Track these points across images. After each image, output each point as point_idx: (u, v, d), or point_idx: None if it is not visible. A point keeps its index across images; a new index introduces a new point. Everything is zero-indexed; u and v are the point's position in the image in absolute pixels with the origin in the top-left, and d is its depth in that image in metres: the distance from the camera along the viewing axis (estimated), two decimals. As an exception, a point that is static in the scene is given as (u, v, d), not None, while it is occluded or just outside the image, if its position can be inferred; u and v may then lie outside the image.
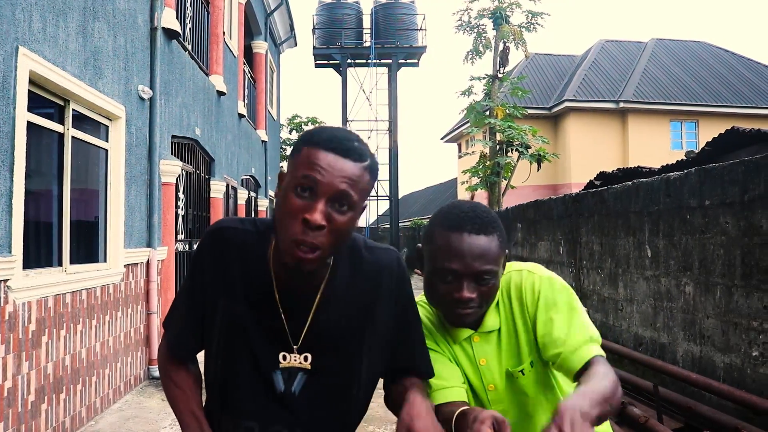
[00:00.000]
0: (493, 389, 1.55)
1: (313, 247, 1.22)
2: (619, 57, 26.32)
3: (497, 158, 16.53)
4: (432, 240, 1.50)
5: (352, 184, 1.23)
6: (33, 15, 4.33)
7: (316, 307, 1.37)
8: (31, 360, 4.29)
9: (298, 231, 1.22)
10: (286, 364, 1.38)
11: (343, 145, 1.25)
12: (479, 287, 1.46)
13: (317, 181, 1.21)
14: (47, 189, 5.02)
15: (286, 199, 1.25)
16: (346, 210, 1.24)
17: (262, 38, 15.29)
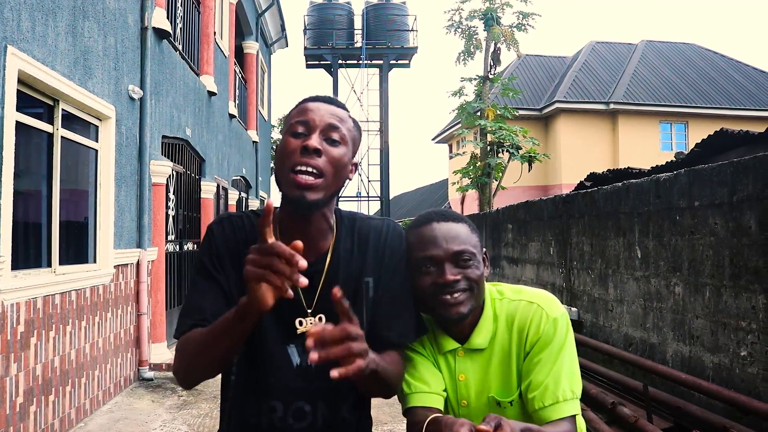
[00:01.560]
0: (465, 405, 1.56)
1: (312, 172, 1.34)
2: (609, 58, 26.43)
3: (488, 159, 16.55)
4: (407, 243, 1.56)
5: (340, 120, 1.42)
6: (22, 14, 4.31)
7: (326, 271, 1.46)
8: (19, 361, 4.27)
9: (298, 157, 1.35)
10: (303, 329, 1.44)
11: (328, 97, 1.47)
12: (462, 270, 1.49)
13: (309, 119, 1.39)
14: (36, 189, 4.99)
15: (284, 143, 1.40)
16: (339, 143, 1.39)
17: (253, 38, 15.25)
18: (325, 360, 1.13)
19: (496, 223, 11.04)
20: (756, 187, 3.78)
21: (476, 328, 1.55)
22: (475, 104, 17.18)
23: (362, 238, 1.52)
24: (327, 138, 1.39)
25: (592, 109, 23.00)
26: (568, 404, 1.43)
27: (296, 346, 1.45)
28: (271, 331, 1.45)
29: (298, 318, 1.45)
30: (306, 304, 1.45)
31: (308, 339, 1.13)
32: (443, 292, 1.48)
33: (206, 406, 5.92)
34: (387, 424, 5.22)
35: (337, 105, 1.46)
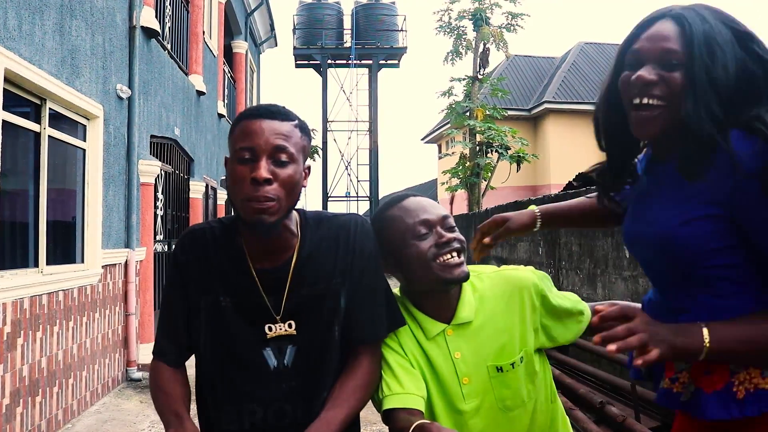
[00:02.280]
0: (468, 382, 1.56)
1: (266, 199, 1.35)
2: (598, 59, 26.55)
3: (477, 159, 16.60)
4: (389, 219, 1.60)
5: (286, 138, 1.39)
6: (8, 12, 4.27)
7: (290, 277, 1.48)
8: (5, 362, 4.23)
9: (249, 190, 1.35)
10: (273, 334, 1.47)
11: (268, 110, 1.42)
12: (454, 234, 1.56)
13: (253, 144, 1.36)
14: (23, 189, 4.95)
15: (233, 171, 1.39)
16: (288, 162, 1.38)
17: (242, 38, 15.21)
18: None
19: (485, 223, 11.08)
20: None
21: (459, 303, 1.59)
22: (464, 104, 17.23)
23: (331, 237, 1.54)
24: (275, 161, 1.37)
25: (580, 110, 23.09)
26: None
27: (271, 349, 1.48)
28: (245, 338, 1.48)
29: (267, 325, 1.48)
30: (274, 310, 1.48)
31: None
32: (444, 252, 1.53)
33: (194, 407, 5.89)
34: (376, 424, 5.22)
35: (281, 118, 1.41)
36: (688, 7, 1.31)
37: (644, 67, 1.28)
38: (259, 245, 1.48)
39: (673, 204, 1.30)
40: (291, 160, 1.39)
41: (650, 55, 1.29)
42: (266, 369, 1.48)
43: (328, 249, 1.53)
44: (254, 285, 1.47)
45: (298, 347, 1.49)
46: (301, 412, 1.49)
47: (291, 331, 1.48)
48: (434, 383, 1.57)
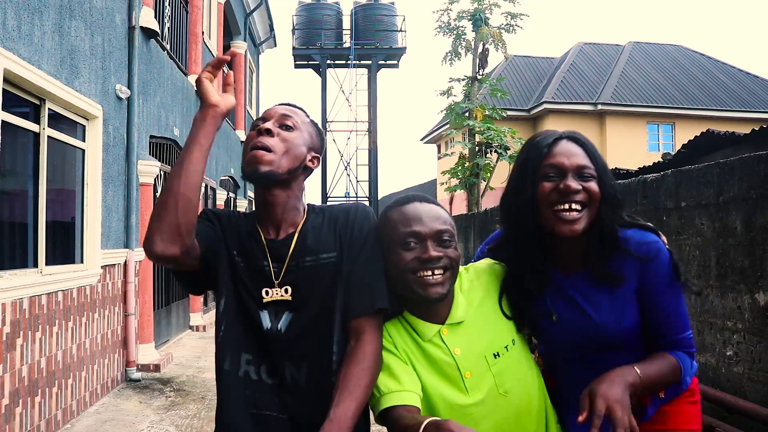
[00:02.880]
0: (470, 376, 1.59)
1: (264, 147, 1.55)
2: (597, 59, 26.55)
3: (476, 159, 16.58)
4: (387, 220, 1.63)
5: (292, 111, 1.66)
6: (7, 13, 4.27)
7: (293, 246, 1.61)
8: (5, 363, 4.23)
9: (253, 140, 1.57)
10: (269, 299, 1.59)
11: (291, 103, 1.72)
12: (444, 249, 1.55)
13: (266, 114, 1.64)
14: (22, 189, 4.95)
15: (247, 136, 1.62)
16: (291, 128, 1.62)
17: (241, 38, 15.21)
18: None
19: (484, 223, 11.07)
20: (742, 188, 3.81)
21: (453, 305, 1.63)
22: (463, 105, 17.20)
23: (332, 218, 1.67)
24: (281, 125, 1.62)
25: (579, 110, 23.11)
26: None
27: (268, 312, 1.59)
28: (247, 296, 1.61)
29: (264, 288, 1.60)
30: (274, 275, 1.60)
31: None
32: (425, 268, 1.53)
33: (194, 407, 5.89)
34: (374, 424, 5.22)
35: (292, 105, 1.70)
36: (575, 132, 1.65)
37: (567, 178, 1.55)
38: (267, 216, 1.64)
39: (607, 303, 1.63)
40: (295, 127, 1.63)
41: (570, 168, 1.56)
42: (260, 329, 1.59)
43: (329, 225, 1.66)
44: (263, 251, 1.62)
45: (294, 315, 1.59)
46: (289, 375, 1.58)
47: (286, 296, 1.59)
48: (436, 380, 1.58)
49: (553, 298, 1.68)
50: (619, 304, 1.61)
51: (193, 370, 7.39)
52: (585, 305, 1.63)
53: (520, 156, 1.68)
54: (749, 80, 26.16)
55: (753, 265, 3.71)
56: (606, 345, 1.64)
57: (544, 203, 1.57)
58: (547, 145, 1.61)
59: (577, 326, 1.64)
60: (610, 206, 1.59)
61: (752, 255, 3.72)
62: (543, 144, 1.61)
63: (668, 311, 1.61)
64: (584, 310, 1.64)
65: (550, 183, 1.57)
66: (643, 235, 1.63)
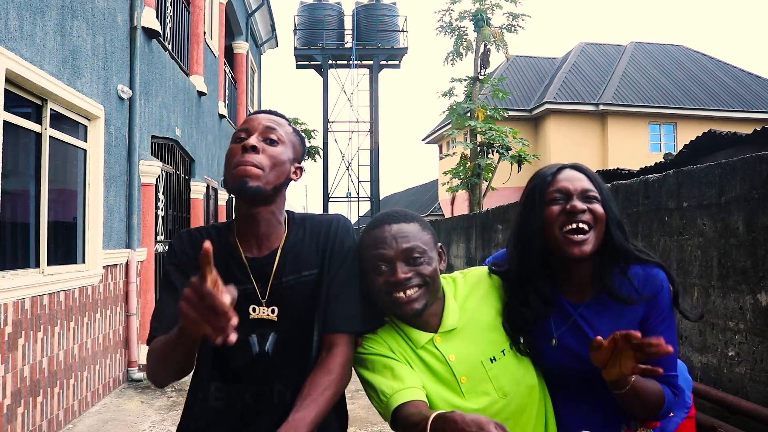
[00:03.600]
0: (466, 381, 1.61)
1: (252, 164, 1.51)
2: (598, 60, 26.54)
3: (478, 160, 16.57)
4: (361, 244, 1.65)
5: (276, 124, 1.60)
6: (9, 13, 4.28)
7: (276, 264, 1.60)
8: (7, 363, 4.24)
9: (239, 156, 1.53)
10: (256, 316, 1.58)
11: (269, 110, 1.67)
12: (413, 267, 1.56)
13: (248, 126, 1.59)
14: (24, 189, 4.95)
15: (229, 149, 1.58)
16: (276, 143, 1.57)
17: (243, 38, 15.21)
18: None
19: (486, 223, 11.06)
20: (743, 188, 3.81)
21: (444, 313, 1.65)
22: (465, 105, 17.20)
23: (314, 231, 1.66)
24: (265, 138, 1.57)
25: (581, 110, 23.09)
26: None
27: (256, 336, 1.59)
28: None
29: (252, 305, 1.59)
30: (260, 295, 1.59)
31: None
32: (395, 290, 1.55)
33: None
34: (377, 424, 5.22)
35: (276, 114, 1.66)
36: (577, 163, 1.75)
37: (573, 199, 1.62)
38: (249, 232, 1.61)
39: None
40: (280, 141, 1.58)
41: (574, 191, 1.63)
42: (250, 355, 1.59)
43: (310, 240, 1.65)
44: (245, 272, 1.59)
45: (278, 335, 1.59)
46: (277, 395, 1.59)
47: (272, 317, 1.59)
48: (434, 384, 1.60)
49: (558, 324, 1.71)
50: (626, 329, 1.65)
51: (194, 370, 7.39)
52: (591, 334, 1.66)
53: (526, 187, 1.75)
54: (751, 80, 26.13)
55: (755, 265, 3.71)
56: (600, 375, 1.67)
57: (552, 226, 1.62)
58: (551, 173, 1.69)
59: (579, 353, 1.66)
60: (617, 229, 1.66)
61: (754, 255, 3.72)
62: (548, 173, 1.70)
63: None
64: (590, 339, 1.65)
65: (557, 206, 1.63)
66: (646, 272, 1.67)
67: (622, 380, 1.50)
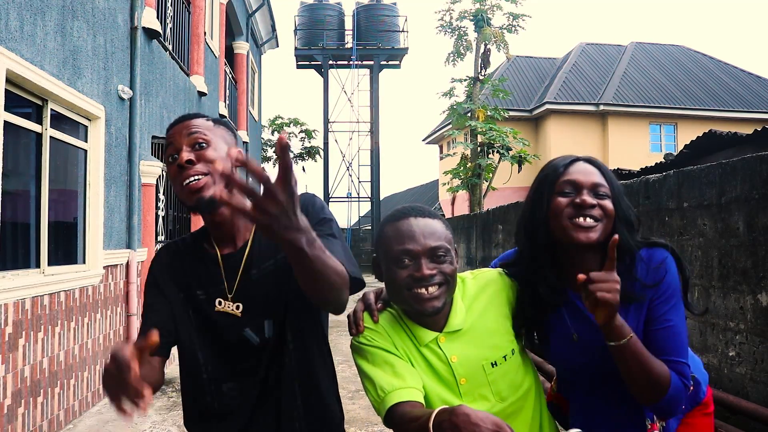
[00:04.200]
0: (465, 382, 1.60)
1: (195, 176, 1.51)
2: (599, 60, 26.54)
3: (478, 160, 16.58)
4: (383, 236, 1.62)
5: (200, 128, 1.58)
6: (10, 13, 4.28)
7: (244, 260, 1.60)
8: (7, 363, 4.24)
9: (179, 177, 1.53)
10: (221, 309, 1.60)
11: (183, 116, 1.63)
12: (437, 265, 1.55)
13: (173, 141, 1.57)
14: (25, 189, 4.96)
15: (167, 170, 1.59)
16: (206, 147, 1.56)
17: (243, 39, 15.22)
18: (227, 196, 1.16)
19: (486, 223, 11.06)
20: (744, 189, 3.81)
21: (450, 313, 1.64)
22: (465, 105, 17.21)
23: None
24: (193, 145, 1.55)
25: (581, 111, 23.08)
26: None
27: (250, 328, 1.59)
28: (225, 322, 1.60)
29: (218, 299, 1.61)
30: (228, 288, 1.60)
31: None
32: (419, 286, 1.54)
33: (196, 407, 5.89)
34: (377, 425, 5.22)
35: (192, 117, 1.62)
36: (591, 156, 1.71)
37: (583, 193, 1.60)
38: (219, 234, 1.63)
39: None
40: (207, 143, 1.56)
41: (585, 185, 1.61)
42: (246, 347, 1.59)
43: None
44: (218, 270, 1.61)
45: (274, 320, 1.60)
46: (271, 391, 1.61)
47: (237, 312, 1.59)
48: (434, 382, 1.60)
49: (573, 320, 1.70)
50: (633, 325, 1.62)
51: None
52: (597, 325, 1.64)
53: (537, 177, 1.72)
54: (751, 80, 26.13)
55: (755, 265, 3.71)
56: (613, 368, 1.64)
57: (560, 216, 1.61)
58: (564, 164, 1.66)
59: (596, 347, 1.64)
60: (625, 226, 1.63)
61: (754, 255, 3.72)
62: (560, 164, 1.67)
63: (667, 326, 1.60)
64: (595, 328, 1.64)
65: (565, 198, 1.61)
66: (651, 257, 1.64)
67: (617, 328, 1.47)
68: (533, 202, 1.69)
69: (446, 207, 25.06)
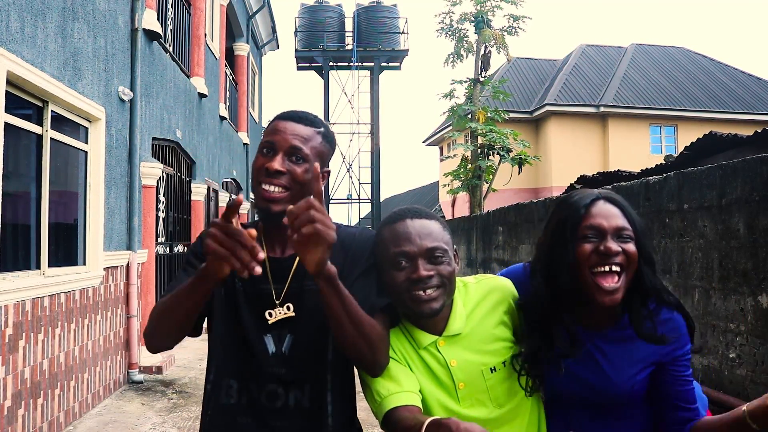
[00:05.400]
0: (463, 387, 1.61)
1: (275, 189, 1.52)
2: (599, 62, 26.54)
3: (479, 161, 16.57)
4: (380, 239, 1.62)
5: (304, 141, 1.56)
6: (11, 15, 4.28)
7: (295, 267, 1.60)
8: (7, 364, 4.24)
9: (263, 176, 1.54)
10: (273, 320, 1.59)
11: (297, 114, 1.61)
12: (435, 266, 1.54)
13: (275, 140, 1.56)
14: (25, 191, 4.96)
15: (255, 157, 1.59)
16: (301, 162, 1.55)
17: (243, 40, 15.23)
18: (292, 229, 1.28)
19: (486, 225, 11.06)
20: (744, 190, 3.81)
21: (450, 317, 1.63)
22: (465, 107, 17.20)
23: (344, 243, 1.62)
24: (291, 157, 1.55)
25: (582, 112, 23.08)
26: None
27: (272, 336, 1.59)
28: (248, 321, 1.59)
29: (268, 310, 1.59)
30: (276, 295, 1.59)
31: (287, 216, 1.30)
32: (417, 288, 1.53)
33: (196, 408, 5.89)
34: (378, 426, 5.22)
35: (305, 124, 1.60)
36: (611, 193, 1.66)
37: (607, 240, 1.55)
38: (274, 236, 1.62)
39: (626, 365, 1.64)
40: (304, 160, 1.55)
41: (609, 230, 1.57)
42: (266, 354, 1.58)
43: (340, 251, 1.58)
44: (264, 271, 1.56)
45: (295, 336, 1.58)
46: (293, 398, 1.59)
47: (290, 313, 1.58)
48: (432, 386, 1.60)
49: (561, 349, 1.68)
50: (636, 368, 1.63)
51: (195, 372, 7.39)
52: (604, 364, 1.64)
53: (555, 216, 1.67)
54: (752, 82, 26.13)
55: (756, 267, 3.71)
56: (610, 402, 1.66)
57: (583, 266, 1.56)
58: (584, 205, 1.61)
59: (590, 382, 1.64)
60: (648, 267, 1.61)
61: (755, 257, 3.72)
62: (580, 204, 1.61)
63: (689, 385, 1.65)
64: (602, 368, 1.64)
65: (589, 245, 1.57)
66: (671, 317, 1.64)
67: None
68: (554, 246, 1.64)
69: (446, 208, 25.05)
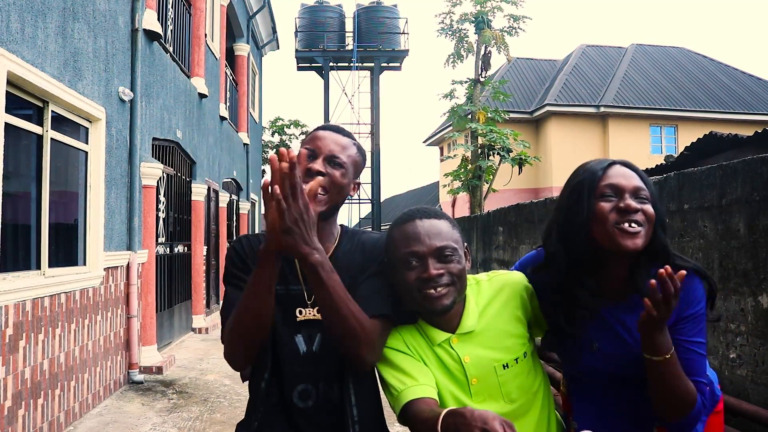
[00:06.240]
0: (476, 382, 1.64)
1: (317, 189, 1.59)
2: (599, 62, 26.54)
3: (479, 162, 16.58)
4: (391, 240, 1.66)
5: (342, 149, 1.70)
6: (11, 15, 4.28)
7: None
8: (8, 365, 4.24)
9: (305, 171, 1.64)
10: (303, 318, 1.68)
11: (336, 127, 1.78)
12: (444, 265, 1.57)
13: (315, 146, 1.68)
14: (26, 191, 4.96)
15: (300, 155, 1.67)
16: (339, 167, 1.67)
17: (244, 40, 15.23)
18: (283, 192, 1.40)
19: (486, 225, 11.06)
20: (744, 190, 3.81)
21: (463, 314, 1.66)
22: (466, 107, 17.20)
23: (365, 246, 1.75)
24: (330, 162, 1.66)
25: (582, 112, 23.09)
26: None
27: (302, 336, 1.68)
28: (281, 325, 1.67)
29: (298, 308, 1.68)
30: (307, 296, 1.68)
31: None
32: (427, 286, 1.56)
33: (196, 409, 5.90)
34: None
35: (343, 134, 1.75)
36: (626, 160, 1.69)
37: (626, 198, 1.58)
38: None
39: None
40: (343, 165, 1.68)
41: (627, 189, 1.60)
42: (297, 353, 1.67)
43: (360, 253, 1.73)
44: (295, 273, 1.69)
45: (324, 336, 1.66)
46: (323, 396, 1.68)
47: (318, 315, 1.65)
48: (446, 381, 1.64)
49: (594, 328, 1.69)
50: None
51: (195, 373, 7.39)
52: (625, 335, 1.65)
53: (572, 179, 1.69)
54: (752, 82, 26.14)
55: (756, 267, 3.71)
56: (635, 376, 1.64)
57: (604, 222, 1.58)
58: (602, 168, 1.64)
59: (616, 356, 1.65)
60: (662, 230, 1.64)
61: (755, 257, 3.72)
62: (598, 167, 1.65)
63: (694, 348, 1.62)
64: (625, 340, 1.65)
65: (608, 203, 1.59)
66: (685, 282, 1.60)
67: (660, 343, 1.48)
68: (569, 206, 1.66)
69: (447, 209, 25.05)
